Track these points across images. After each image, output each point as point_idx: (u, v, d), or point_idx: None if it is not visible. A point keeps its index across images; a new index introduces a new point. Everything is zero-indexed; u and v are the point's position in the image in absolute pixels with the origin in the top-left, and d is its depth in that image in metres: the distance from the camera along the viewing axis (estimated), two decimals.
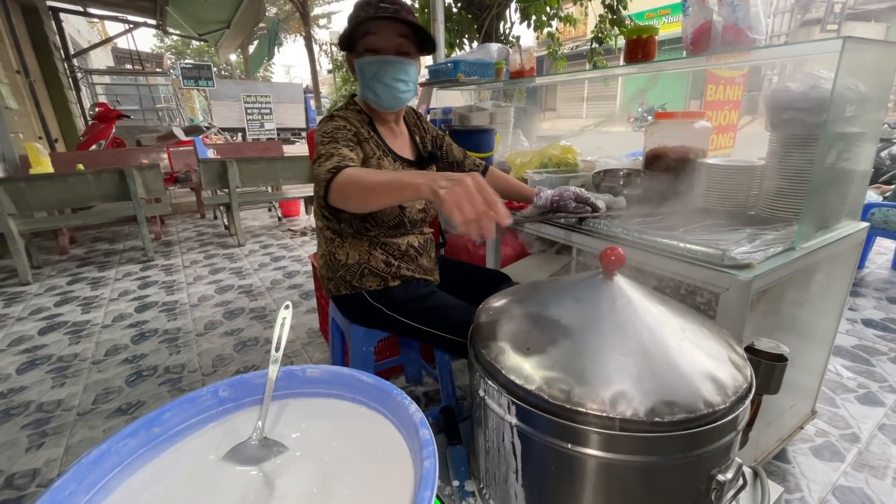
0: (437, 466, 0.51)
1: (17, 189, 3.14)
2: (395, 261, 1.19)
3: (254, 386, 0.70)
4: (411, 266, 1.22)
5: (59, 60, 6.27)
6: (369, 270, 1.18)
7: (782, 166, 1.16)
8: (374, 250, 1.17)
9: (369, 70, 1.09)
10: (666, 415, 0.57)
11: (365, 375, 0.68)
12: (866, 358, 1.94)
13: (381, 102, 1.14)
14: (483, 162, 1.41)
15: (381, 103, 1.14)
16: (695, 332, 0.74)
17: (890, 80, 1.15)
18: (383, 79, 1.09)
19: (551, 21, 4.09)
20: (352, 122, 1.11)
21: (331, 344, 1.47)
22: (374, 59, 1.08)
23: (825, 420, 1.56)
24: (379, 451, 0.59)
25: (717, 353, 0.70)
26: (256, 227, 4.88)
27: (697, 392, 0.61)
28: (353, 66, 1.14)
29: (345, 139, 1.05)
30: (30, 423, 1.70)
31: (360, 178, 0.89)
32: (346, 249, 1.18)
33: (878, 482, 1.31)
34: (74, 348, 2.28)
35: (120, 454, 0.57)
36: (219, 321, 2.54)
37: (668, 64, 1.44)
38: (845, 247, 1.20)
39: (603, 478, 0.63)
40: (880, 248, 3.25)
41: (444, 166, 1.38)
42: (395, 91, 1.12)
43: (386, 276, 1.18)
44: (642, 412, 0.58)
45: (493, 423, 0.72)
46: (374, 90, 1.11)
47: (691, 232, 1.09)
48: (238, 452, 0.59)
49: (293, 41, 21.28)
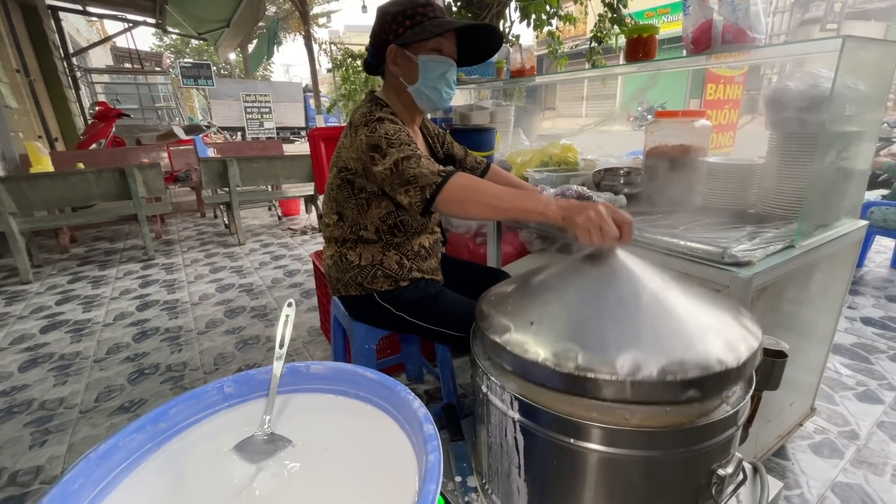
0: (442, 461, 0.51)
1: (18, 188, 3.14)
2: (408, 262, 1.19)
3: (258, 382, 0.70)
4: (422, 266, 1.23)
5: (59, 59, 6.26)
6: (382, 272, 1.17)
7: (782, 165, 1.17)
8: (388, 251, 1.17)
9: (437, 69, 1.08)
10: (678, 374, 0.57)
11: (369, 372, 0.68)
12: (865, 356, 1.95)
13: (433, 103, 1.13)
14: (484, 160, 1.41)
15: (434, 104, 1.13)
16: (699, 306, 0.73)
17: (889, 79, 1.15)
18: (449, 79, 1.11)
19: (551, 20, 4.09)
20: (399, 123, 1.07)
21: (332, 342, 1.48)
22: (441, 58, 1.09)
23: (824, 417, 1.57)
24: (383, 446, 0.60)
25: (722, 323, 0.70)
26: (257, 226, 4.88)
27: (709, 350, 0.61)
28: (402, 60, 1.09)
29: (413, 141, 1.02)
30: (32, 421, 1.71)
31: (480, 188, 0.93)
32: (358, 251, 1.17)
33: (877, 479, 1.32)
34: (76, 346, 2.29)
35: (127, 449, 0.58)
36: (220, 319, 2.55)
37: (669, 63, 1.45)
38: (844, 245, 1.21)
39: (605, 472, 0.64)
40: (879, 247, 3.26)
41: (445, 163, 1.37)
42: (452, 93, 1.14)
43: (398, 277, 1.18)
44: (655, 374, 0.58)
45: (495, 419, 0.72)
46: (435, 88, 1.10)
47: (692, 230, 1.10)
48: (244, 447, 0.60)
49: (293, 40, 21.21)
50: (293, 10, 16.68)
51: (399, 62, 1.10)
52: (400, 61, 1.10)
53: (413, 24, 1.05)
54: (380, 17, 1.10)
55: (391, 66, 1.11)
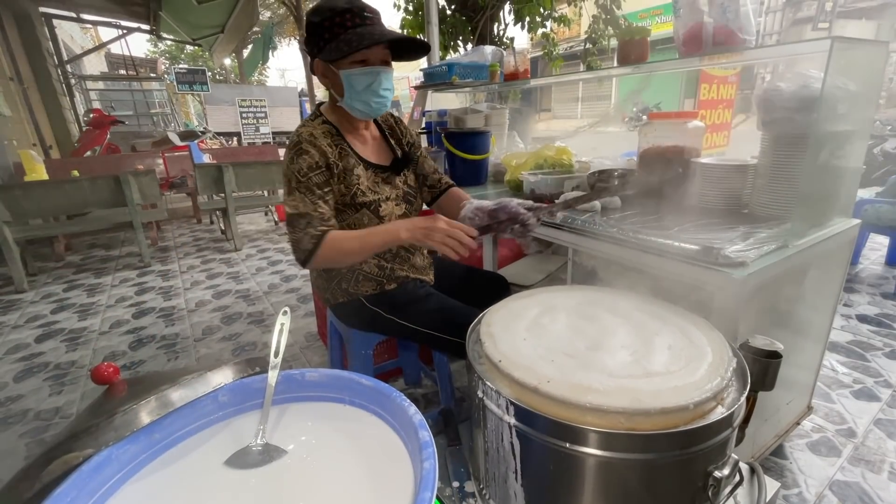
0: (437, 468, 0.51)
1: (12, 196, 3.13)
2: (388, 263, 1.20)
3: (253, 391, 0.70)
4: (405, 266, 1.22)
5: (53, 66, 6.24)
6: (364, 276, 1.18)
7: (774, 165, 1.17)
8: None
9: (361, 82, 1.07)
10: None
11: (364, 378, 0.68)
12: (861, 353, 1.96)
13: (369, 112, 1.13)
14: (447, 181, 1.35)
15: (369, 113, 1.13)
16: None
17: (879, 78, 1.16)
18: (376, 90, 1.09)
19: (545, 22, 4.11)
20: (321, 150, 1.07)
21: (329, 348, 1.48)
22: (365, 70, 1.06)
23: (821, 415, 1.58)
24: (379, 454, 0.60)
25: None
26: (253, 232, 4.87)
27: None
28: (329, 74, 1.09)
29: (318, 184, 1.06)
30: (28, 432, 1.69)
31: (343, 247, 1.04)
32: None
33: (875, 476, 1.32)
34: (71, 355, 2.27)
35: (120, 461, 0.57)
36: (216, 326, 2.54)
37: (661, 65, 1.45)
38: (838, 244, 1.21)
39: (601, 476, 0.63)
40: (874, 244, 3.27)
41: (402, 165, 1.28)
42: (384, 101, 1.12)
43: (381, 279, 1.19)
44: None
45: (492, 424, 0.72)
46: (365, 101, 1.09)
47: (685, 231, 1.10)
48: (239, 457, 0.60)
49: (287, 45, 21.25)
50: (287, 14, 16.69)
51: (326, 75, 1.10)
52: (327, 74, 1.09)
53: (331, 36, 1.03)
54: (305, 26, 1.08)
55: (321, 80, 1.12)
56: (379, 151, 1.24)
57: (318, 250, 1.03)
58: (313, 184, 1.05)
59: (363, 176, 1.14)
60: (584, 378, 0.65)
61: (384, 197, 1.17)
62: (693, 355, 0.71)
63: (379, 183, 1.18)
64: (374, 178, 1.18)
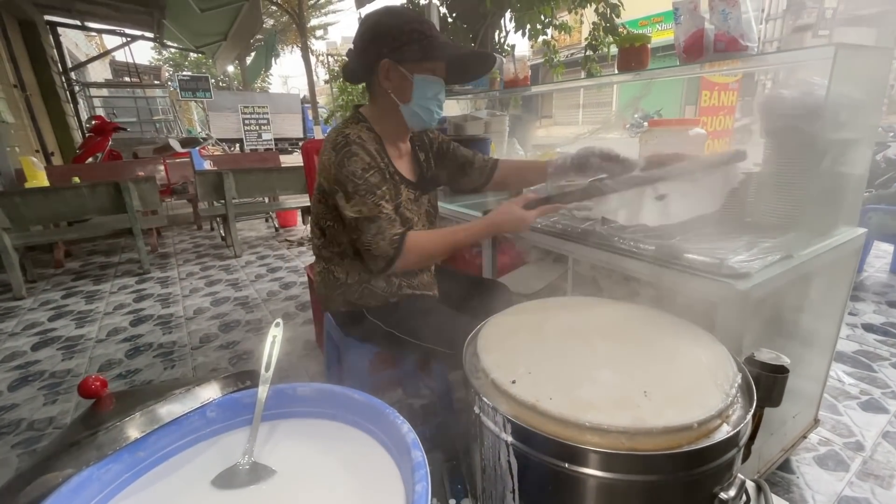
0: (430, 490, 0.49)
1: (12, 203, 3.13)
2: (397, 279, 1.17)
3: (243, 406, 0.68)
4: (413, 282, 1.20)
5: (57, 74, 6.29)
6: (370, 291, 1.16)
7: (777, 173, 1.15)
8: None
9: (431, 89, 1.07)
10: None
11: (357, 394, 0.66)
12: (868, 363, 1.92)
13: (424, 122, 1.12)
14: (491, 158, 1.38)
15: (424, 122, 1.12)
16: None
17: (883, 85, 1.15)
18: (441, 100, 1.11)
19: (546, 29, 4.12)
20: (371, 154, 1.05)
21: (326, 358, 1.45)
22: (436, 78, 1.08)
23: (828, 428, 1.54)
24: (370, 474, 0.57)
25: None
26: (253, 238, 4.86)
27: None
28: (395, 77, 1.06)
29: (376, 184, 1.03)
30: (21, 442, 1.67)
31: (425, 253, 1.06)
32: (345, 267, 1.15)
33: (884, 492, 1.29)
34: (67, 364, 2.25)
35: (102, 480, 0.55)
36: (214, 334, 2.51)
37: (662, 72, 1.44)
38: (844, 253, 1.19)
39: (602, 498, 0.61)
40: (879, 252, 3.24)
41: (454, 168, 1.34)
42: (439, 114, 1.14)
43: (386, 294, 1.16)
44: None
45: (488, 441, 0.70)
46: (429, 109, 1.10)
47: (688, 240, 1.08)
48: (226, 477, 0.58)
49: (290, 52, 21.42)
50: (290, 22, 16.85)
51: (392, 77, 1.06)
52: (393, 77, 1.06)
53: (410, 40, 1.02)
54: (371, 26, 1.05)
55: (383, 81, 1.07)
56: (411, 167, 1.23)
57: (399, 255, 1.02)
58: (371, 184, 1.03)
59: (403, 193, 1.14)
60: (584, 395, 0.63)
61: (416, 216, 1.18)
62: (697, 371, 0.69)
63: (412, 200, 1.18)
64: (408, 194, 1.17)
